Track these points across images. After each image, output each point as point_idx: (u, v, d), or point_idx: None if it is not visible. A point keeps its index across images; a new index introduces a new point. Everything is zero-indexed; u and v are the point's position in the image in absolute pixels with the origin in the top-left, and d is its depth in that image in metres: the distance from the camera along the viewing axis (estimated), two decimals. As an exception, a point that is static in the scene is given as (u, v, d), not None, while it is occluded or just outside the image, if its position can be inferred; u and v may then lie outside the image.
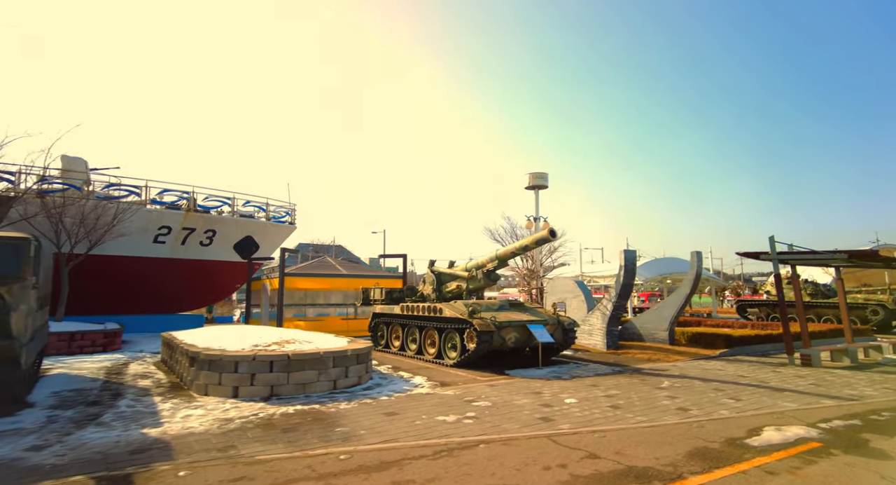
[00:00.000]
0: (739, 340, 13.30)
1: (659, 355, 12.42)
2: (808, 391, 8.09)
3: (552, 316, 11.30)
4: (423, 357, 11.48)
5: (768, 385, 8.61)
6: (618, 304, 13.57)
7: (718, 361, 11.85)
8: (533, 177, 15.62)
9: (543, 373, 9.76)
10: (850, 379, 9.37)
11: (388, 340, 13.12)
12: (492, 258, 11.70)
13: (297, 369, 7.48)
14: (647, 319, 14.57)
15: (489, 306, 11.10)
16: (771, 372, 10.11)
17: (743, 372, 10.10)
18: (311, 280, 16.44)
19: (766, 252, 11.49)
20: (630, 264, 13.34)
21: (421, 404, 6.93)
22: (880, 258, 11.30)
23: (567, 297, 16.23)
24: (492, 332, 9.97)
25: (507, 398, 7.30)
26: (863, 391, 8.16)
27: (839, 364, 11.41)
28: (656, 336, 14.19)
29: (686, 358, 12.16)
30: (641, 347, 13.80)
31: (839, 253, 10.71)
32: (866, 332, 17.81)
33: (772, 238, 11.37)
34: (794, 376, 9.58)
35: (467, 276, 12.19)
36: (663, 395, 7.66)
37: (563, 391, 7.87)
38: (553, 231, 10.50)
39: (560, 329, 11.12)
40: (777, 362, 11.49)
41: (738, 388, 8.33)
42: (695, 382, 8.90)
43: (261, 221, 23.44)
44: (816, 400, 7.42)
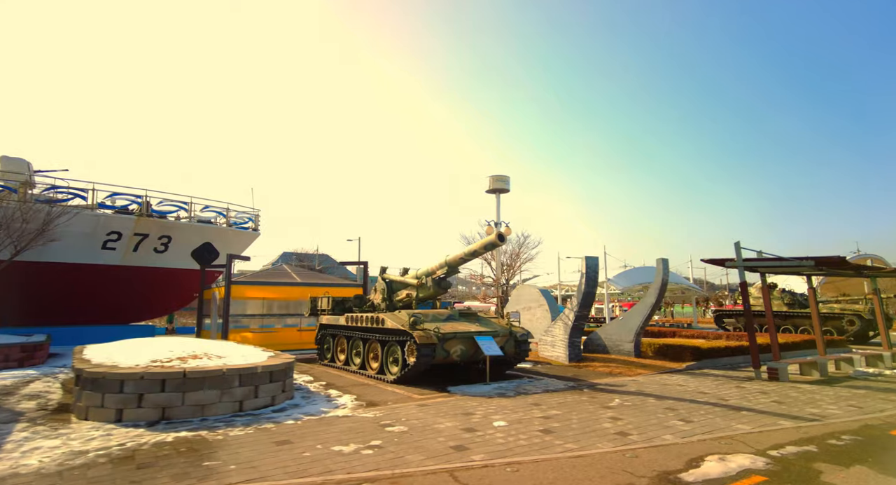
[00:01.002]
0: (708, 353, 12.62)
1: (621, 369, 11.68)
2: (768, 410, 7.38)
3: (505, 327, 10.53)
4: (366, 372, 10.61)
5: (727, 403, 7.88)
6: (580, 313, 12.83)
7: (683, 375, 11.14)
8: (493, 180, 14.93)
9: (488, 389, 8.95)
10: (816, 395, 8.69)
11: (335, 353, 12.23)
12: (441, 265, 10.92)
13: (194, 388, 6.59)
14: (612, 330, 13.85)
15: (436, 317, 10.30)
16: (734, 388, 9.41)
17: (705, 388, 9.38)
18: (262, 289, 15.51)
19: (732, 259, 10.87)
20: (591, 272, 12.64)
21: (328, 429, 6.08)
22: (848, 265, 10.73)
23: (532, 306, 15.50)
24: (433, 344, 9.15)
25: (430, 421, 6.47)
26: (826, 410, 7.46)
27: (808, 378, 10.75)
28: (622, 348, 13.47)
29: (650, 372, 11.43)
30: (605, 359, 13.06)
31: (806, 260, 10.11)
32: (841, 343, 17.28)
33: (737, 244, 10.75)
34: (757, 393, 8.88)
35: (416, 283, 11.39)
36: (607, 416, 6.89)
37: (498, 412, 7.06)
38: (501, 235, 9.76)
39: (512, 341, 10.34)
40: (744, 376, 10.81)
41: (693, 407, 7.59)
42: (648, 400, 8.15)
43: (221, 227, 22.48)
44: (774, 421, 6.70)
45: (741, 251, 10.71)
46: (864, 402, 8.14)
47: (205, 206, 21.88)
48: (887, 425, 6.55)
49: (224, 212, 22.68)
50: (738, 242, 10.75)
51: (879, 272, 12.77)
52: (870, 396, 8.72)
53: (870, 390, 9.26)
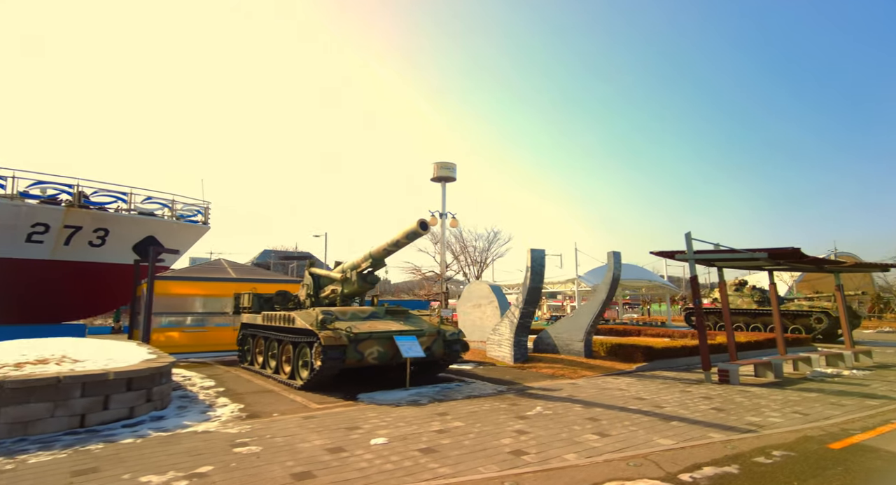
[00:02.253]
0: (662, 353, 11.79)
1: (566, 370, 10.79)
2: (702, 420, 6.51)
3: (434, 325, 9.56)
4: (278, 377, 9.57)
5: (660, 411, 7.00)
6: (525, 311, 11.92)
7: (630, 377, 10.28)
8: (438, 167, 13.91)
9: (403, 396, 7.97)
10: (763, 400, 7.86)
11: (254, 355, 11.15)
12: (365, 257, 9.90)
13: (15, 400, 5.49)
14: (562, 329, 12.97)
15: (356, 315, 9.29)
16: (678, 392, 8.56)
17: (646, 392, 8.51)
18: (189, 285, 14.34)
19: (682, 251, 10.02)
20: (537, 265, 11.73)
21: (163, 450, 5.03)
22: (805, 258, 9.97)
23: (482, 303, 14.57)
24: (343, 346, 8.14)
25: (298, 439, 5.46)
26: (767, 418, 6.61)
27: (761, 380, 9.96)
28: (572, 347, 12.59)
29: (595, 374, 10.56)
30: (553, 360, 12.17)
31: (759, 252, 9.30)
32: (806, 341, 16.65)
33: (688, 235, 9.91)
34: (700, 398, 8.03)
35: (340, 278, 10.37)
36: (515, 428, 5.95)
37: (391, 424, 6.08)
38: (424, 224, 8.78)
39: (441, 341, 9.37)
40: (695, 379, 9.99)
41: (621, 416, 6.69)
42: (574, 407, 7.23)
43: (165, 220, 21.18)
44: (704, 434, 5.82)
45: (692, 243, 9.87)
46: (812, 407, 7.33)
47: (147, 197, 20.57)
48: (827, 436, 5.71)
49: (169, 204, 21.39)
50: (688, 233, 9.91)
51: (840, 267, 12.09)
52: (820, 400, 7.92)
53: (822, 394, 8.48)
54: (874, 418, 6.71)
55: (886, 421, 6.57)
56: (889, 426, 6.27)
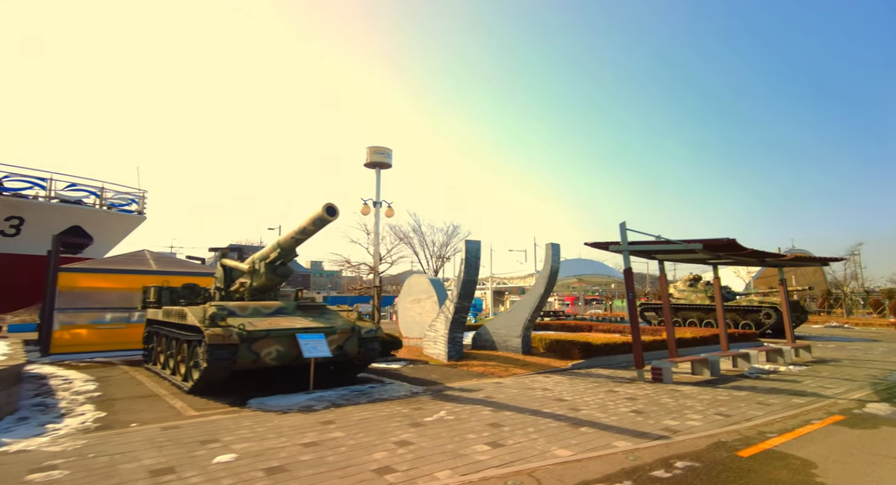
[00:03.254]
0: (601, 350, 11.29)
1: (498, 369, 10.14)
2: (616, 425, 5.92)
3: (348, 322, 8.74)
4: (175, 379, 8.59)
5: (575, 415, 6.39)
6: (460, 305, 11.22)
7: (562, 375, 9.71)
8: (371, 152, 13.00)
9: (301, 401, 7.14)
10: (690, 400, 7.37)
11: (156, 354, 10.10)
12: (273, 247, 8.99)
13: None
14: (500, 324, 12.34)
15: (258, 310, 8.39)
16: (604, 392, 8.00)
17: (570, 393, 7.93)
18: (100, 278, 13.08)
19: (617, 242, 9.49)
20: (472, 257, 11.04)
21: (-58, 476, 4.08)
22: (743, 249, 9.59)
23: (421, 298, 13.82)
24: (233, 345, 7.24)
25: (127, 458, 4.57)
26: (687, 421, 6.08)
27: (697, 378, 9.55)
28: (510, 344, 11.98)
29: (527, 371, 9.95)
30: (489, 357, 11.53)
31: (694, 243, 8.85)
32: (753, 337, 16.57)
33: (622, 225, 9.38)
34: (624, 399, 7.48)
35: (247, 269, 9.43)
36: (398, 440, 5.20)
37: (258, 437, 5.25)
38: (331, 209, 7.93)
39: (355, 339, 8.56)
40: (629, 377, 9.48)
41: (528, 421, 6.04)
42: (483, 411, 6.55)
43: (94, 209, 19.62)
44: (610, 441, 5.21)
45: (626, 233, 9.34)
46: (738, 408, 6.86)
47: (70, 184, 18.97)
48: (741, 442, 5.18)
49: (98, 192, 19.82)
50: (622, 223, 9.38)
51: (781, 261, 11.85)
52: (749, 399, 7.48)
53: (752, 392, 8.07)
54: (795, 419, 6.26)
55: (807, 422, 6.13)
56: (808, 428, 5.82)
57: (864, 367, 11.31)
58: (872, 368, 11.17)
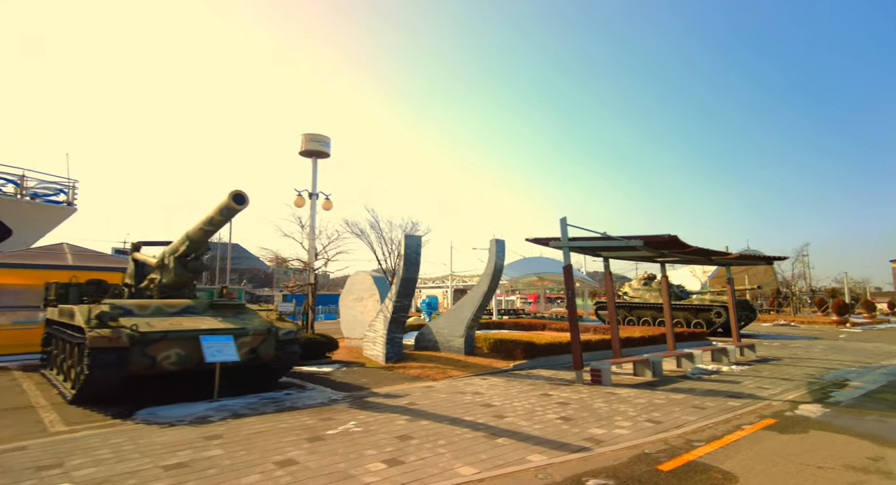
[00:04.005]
0: (545, 350, 10.90)
1: (435, 371, 9.57)
2: (538, 435, 5.42)
3: (265, 322, 7.98)
4: (66, 386, 7.62)
5: (496, 424, 5.87)
6: (399, 304, 10.60)
7: (501, 377, 9.24)
8: (306, 139, 12.17)
9: (197, 411, 6.36)
10: (624, 404, 6.99)
11: (53, 357, 9.05)
12: (182, 239, 8.13)
13: None
14: (443, 324, 11.80)
15: (161, 309, 7.53)
16: (537, 396, 7.54)
17: (500, 398, 7.43)
18: (5, 273, 11.74)
19: (557, 238, 9.08)
20: (412, 253, 10.43)
21: None
22: (688, 248, 9.36)
23: (363, 296, 13.12)
24: (121, 349, 6.39)
25: (-68, 489, 3.74)
26: (615, 429, 5.65)
27: (638, 379, 9.25)
28: (452, 344, 11.45)
29: (466, 373, 9.43)
30: (430, 358, 10.95)
31: (635, 239, 8.52)
32: (702, 336, 16.63)
33: (563, 221, 8.96)
34: (556, 404, 7.03)
35: (154, 264, 8.54)
36: (285, 458, 4.53)
37: (118, 458, 4.48)
38: (239, 196, 7.15)
39: (271, 341, 7.80)
40: (570, 378, 9.08)
41: (443, 432, 5.48)
42: (397, 421, 5.95)
43: (12, 199, 17.97)
44: (525, 455, 4.70)
45: (567, 229, 8.93)
46: (671, 413, 6.50)
47: (-17, 171, 17.28)
48: (665, 453, 4.77)
49: (17, 180, 18.15)
50: (563, 219, 8.97)
51: (726, 259, 11.77)
52: (684, 403, 7.17)
53: (690, 395, 7.78)
54: (727, 424, 5.94)
55: (738, 427, 5.81)
56: (737, 434, 5.49)
57: (802, 366, 11.34)
58: (810, 366, 11.20)
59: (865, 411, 6.80)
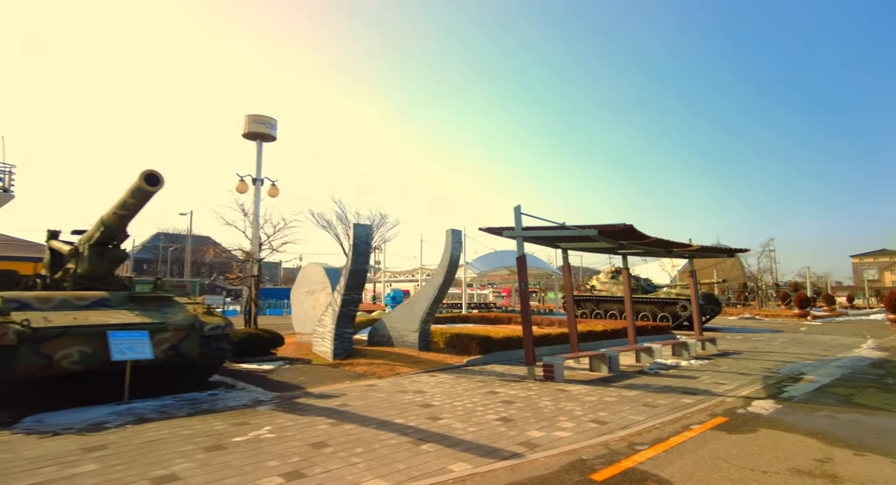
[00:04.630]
0: (501, 344, 10.48)
1: (382, 368, 9.03)
2: (469, 440, 4.94)
3: (189, 316, 7.28)
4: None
5: (426, 428, 5.37)
6: (348, 297, 10.00)
7: (451, 374, 8.76)
8: (251, 120, 11.35)
9: (101, 415, 5.69)
10: (572, 403, 6.58)
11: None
12: (97, 226, 7.35)
13: None
14: (397, 318, 11.25)
15: (67, 301, 6.76)
16: (483, 394, 7.08)
17: (443, 397, 6.94)
18: None
19: (511, 227, 8.62)
20: (361, 243, 9.83)
21: None
22: (644, 237, 9.04)
23: (315, 289, 12.46)
24: (7, 347, 5.64)
25: None
26: (555, 431, 5.22)
27: (594, 375, 8.90)
28: (406, 339, 10.93)
29: (415, 370, 8.92)
30: (381, 354, 10.41)
31: (589, 228, 8.13)
32: (666, 329, 16.53)
33: (517, 209, 8.50)
34: (500, 403, 6.57)
35: (67, 252, 7.74)
36: (160, 474, 3.93)
37: (-37, 476, 3.80)
38: (152, 177, 6.42)
39: (194, 337, 7.12)
40: (523, 374, 8.66)
41: (364, 439, 4.95)
42: (318, 427, 5.39)
43: (-63, 184, 16.59)
44: (447, 464, 4.21)
45: (521, 218, 8.47)
46: (620, 412, 6.12)
47: None
48: (603, 459, 4.34)
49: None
50: (517, 207, 8.50)
51: (687, 250, 11.55)
52: (636, 400, 6.81)
53: (644, 391, 7.44)
54: (676, 424, 5.58)
55: (686, 427, 5.46)
56: (684, 435, 5.12)
57: (761, 359, 11.23)
58: (769, 360, 11.10)
59: (817, 406, 6.57)
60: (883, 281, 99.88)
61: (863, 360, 11.39)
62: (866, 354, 12.60)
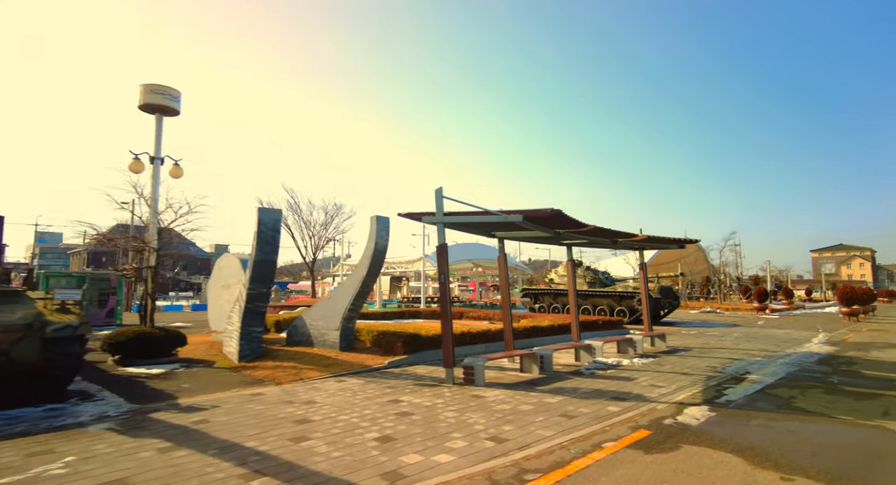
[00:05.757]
0: (428, 343, 9.50)
1: (287, 372, 7.95)
2: (320, 471, 3.95)
3: (30, 315, 6.04)
4: None
5: (278, 455, 4.35)
6: (255, 291, 8.86)
7: (363, 378, 7.75)
8: (146, 90, 9.91)
9: None
10: (478, 414, 5.66)
11: None
12: None
13: None
14: (318, 315, 10.16)
15: None
16: (382, 404, 6.10)
17: (333, 409, 5.93)
18: None
19: (431, 212, 7.63)
20: (268, 230, 8.69)
21: None
22: (582, 226, 8.20)
23: (230, 283, 11.25)
24: None
25: None
26: (438, 454, 4.27)
27: (523, 376, 8.04)
28: (327, 338, 9.86)
29: (325, 374, 7.87)
30: (295, 354, 9.32)
31: (514, 214, 7.22)
32: (619, 324, 15.92)
33: (438, 191, 7.51)
34: (394, 415, 5.60)
35: None
36: None
37: None
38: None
39: (34, 341, 5.89)
40: (441, 377, 7.71)
41: (185, 472, 3.90)
42: (136, 455, 4.30)
43: None
44: (264, 511, 3.20)
45: (443, 201, 7.49)
46: (529, 425, 5.23)
47: None
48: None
49: None
50: (439, 189, 7.52)
51: (633, 241, 10.82)
52: (556, 408, 5.94)
53: (570, 397, 6.59)
54: (587, 441, 4.71)
55: (598, 445, 4.60)
56: (594, 455, 4.25)
57: (709, 356, 10.62)
58: (717, 357, 10.49)
59: (753, 413, 5.84)
60: (839, 275, 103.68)
61: (811, 356, 10.91)
62: (816, 349, 12.19)
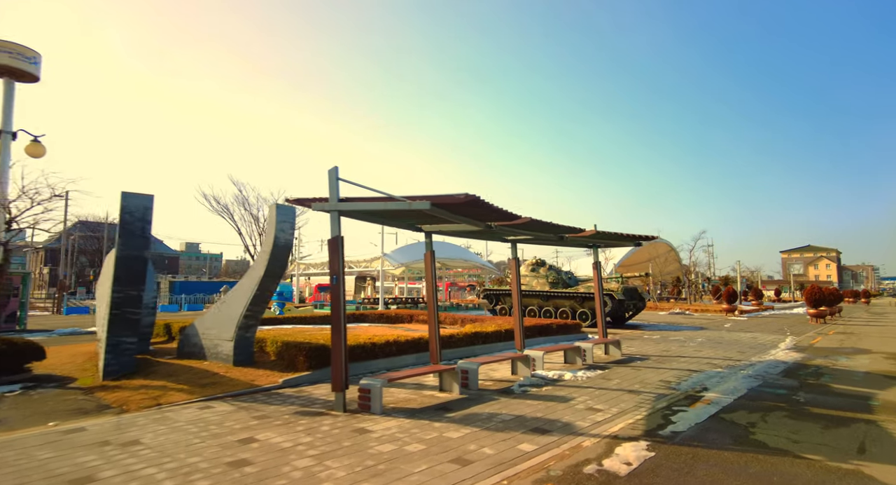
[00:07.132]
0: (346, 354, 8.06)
1: (151, 394, 6.42)
2: None
3: None
4: None
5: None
6: (121, 295, 7.27)
7: (240, 402, 6.28)
8: (-9, 51, 8.35)
9: None
10: (344, 461, 4.27)
11: None
12: None
13: None
14: (211, 323, 8.61)
15: None
16: (223, 447, 4.65)
17: (150, 455, 4.46)
18: None
19: (324, 198, 6.22)
20: (134, 219, 7.12)
21: None
22: (514, 217, 6.90)
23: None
24: None
25: None
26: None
27: (440, 397, 6.69)
28: (220, 349, 8.33)
29: (194, 397, 6.37)
30: (178, 369, 7.78)
31: (422, 200, 5.85)
32: (575, 328, 14.73)
33: (333, 171, 6.09)
34: (224, 466, 4.16)
35: None
36: None
37: None
38: None
39: None
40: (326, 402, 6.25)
41: None
42: None
43: None
44: None
45: (338, 186, 6.07)
46: (407, 478, 3.86)
47: None
48: None
49: None
50: (333, 169, 6.10)
51: (580, 236, 9.60)
52: (455, 448, 4.59)
53: (480, 429, 5.25)
54: (461, 514, 3.37)
55: (475, 522, 3.25)
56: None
57: (665, 367, 9.47)
58: (674, 368, 9.35)
59: (702, 451, 4.61)
60: (807, 275, 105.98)
61: (777, 365, 9.88)
62: (782, 356, 11.21)
